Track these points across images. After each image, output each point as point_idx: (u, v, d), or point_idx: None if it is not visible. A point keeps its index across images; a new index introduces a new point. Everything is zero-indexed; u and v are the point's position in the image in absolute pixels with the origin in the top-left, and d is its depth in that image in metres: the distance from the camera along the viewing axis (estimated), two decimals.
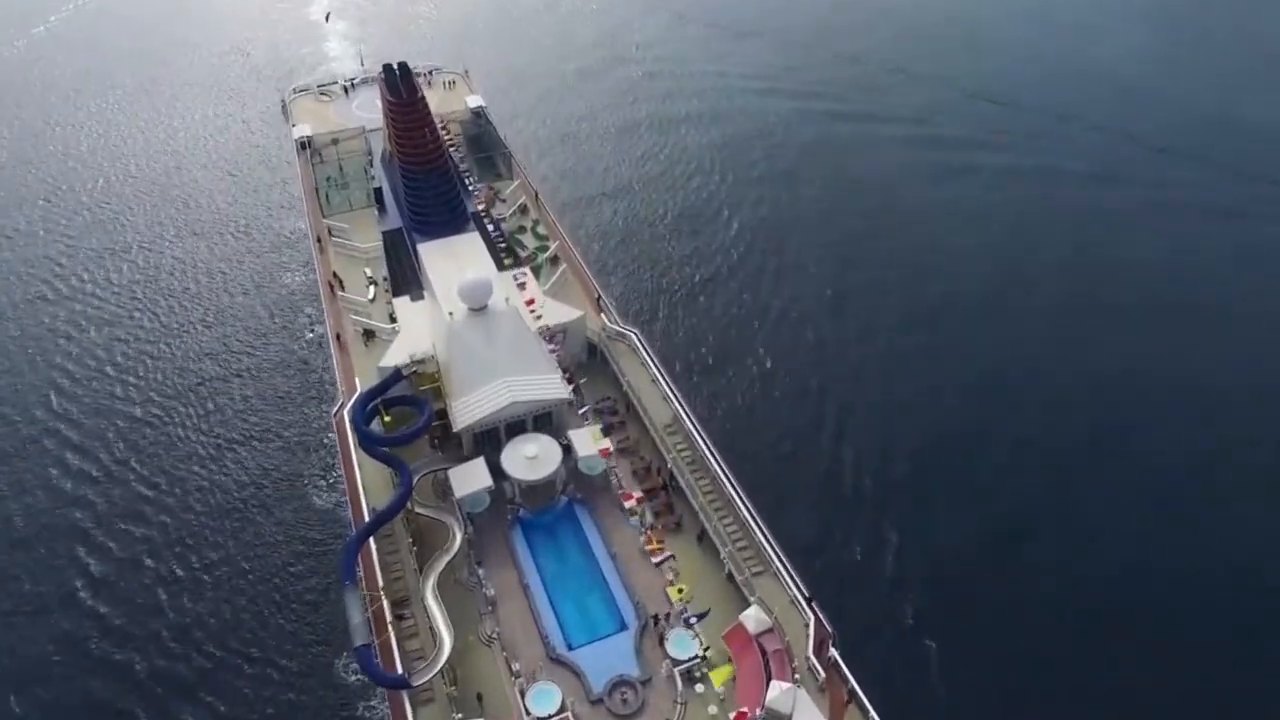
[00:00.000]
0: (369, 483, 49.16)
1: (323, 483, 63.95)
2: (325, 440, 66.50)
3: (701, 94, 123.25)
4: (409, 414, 50.30)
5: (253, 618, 55.54)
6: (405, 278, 60.92)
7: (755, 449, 65.69)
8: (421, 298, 58.51)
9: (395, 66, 62.93)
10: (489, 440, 50.52)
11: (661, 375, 54.91)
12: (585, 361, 58.92)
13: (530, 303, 56.79)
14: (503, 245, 62.74)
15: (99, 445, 68.05)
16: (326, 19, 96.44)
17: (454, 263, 57.90)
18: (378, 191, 70.13)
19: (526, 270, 61.30)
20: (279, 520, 61.73)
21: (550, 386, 50.92)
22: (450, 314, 51.92)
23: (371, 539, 44.47)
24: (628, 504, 49.04)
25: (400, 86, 61.77)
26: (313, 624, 54.90)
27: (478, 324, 51.70)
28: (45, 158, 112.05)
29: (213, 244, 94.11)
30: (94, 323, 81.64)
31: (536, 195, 75.56)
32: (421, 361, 49.82)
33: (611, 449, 50.75)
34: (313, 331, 78.40)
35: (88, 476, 65.60)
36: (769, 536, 44.83)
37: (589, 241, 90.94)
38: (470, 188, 70.88)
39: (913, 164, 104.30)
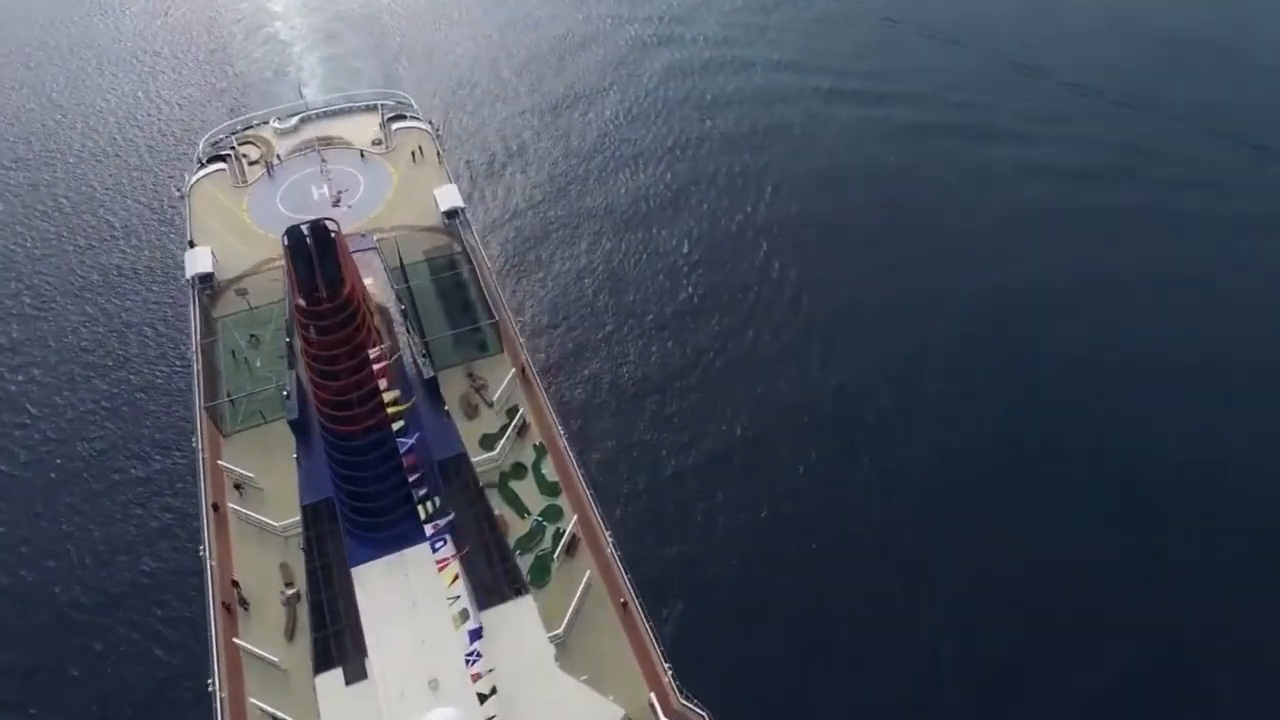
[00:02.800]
0: None
1: None
2: None
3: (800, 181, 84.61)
4: None
5: None
6: (336, 620, 36.66)
7: None
8: (362, 675, 34.75)
9: (307, 232, 30.50)
10: None
11: None
12: None
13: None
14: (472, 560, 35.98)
15: None
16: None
17: (408, 619, 34.37)
18: (297, 424, 40.99)
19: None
20: None
21: None
22: None
23: None
24: None
25: (318, 274, 30.97)
26: None
27: None
28: None
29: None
30: None
31: (526, 372, 49.96)
32: None
33: None
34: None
35: None
36: None
37: (619, 477, 57.17)
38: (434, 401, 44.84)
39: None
